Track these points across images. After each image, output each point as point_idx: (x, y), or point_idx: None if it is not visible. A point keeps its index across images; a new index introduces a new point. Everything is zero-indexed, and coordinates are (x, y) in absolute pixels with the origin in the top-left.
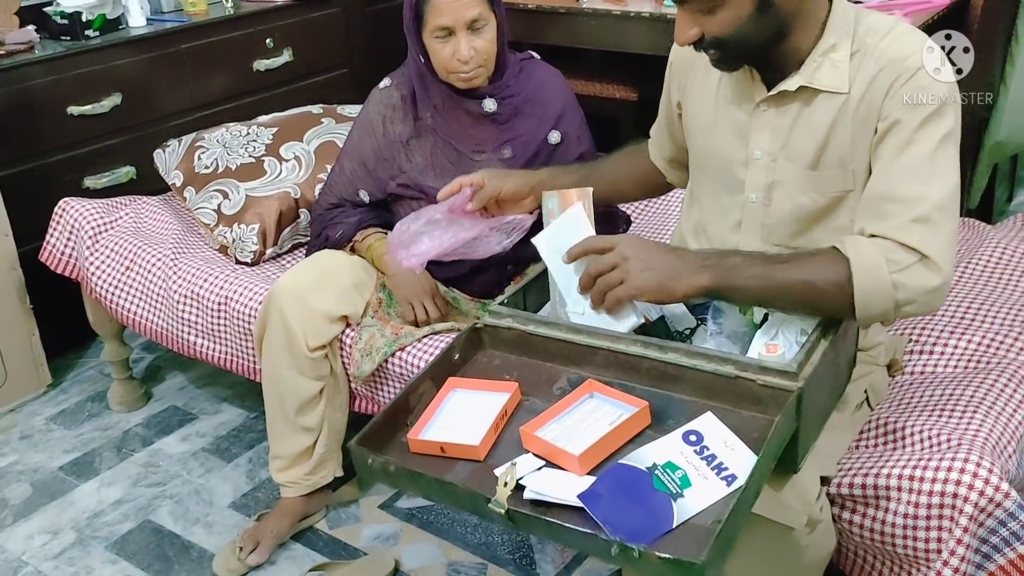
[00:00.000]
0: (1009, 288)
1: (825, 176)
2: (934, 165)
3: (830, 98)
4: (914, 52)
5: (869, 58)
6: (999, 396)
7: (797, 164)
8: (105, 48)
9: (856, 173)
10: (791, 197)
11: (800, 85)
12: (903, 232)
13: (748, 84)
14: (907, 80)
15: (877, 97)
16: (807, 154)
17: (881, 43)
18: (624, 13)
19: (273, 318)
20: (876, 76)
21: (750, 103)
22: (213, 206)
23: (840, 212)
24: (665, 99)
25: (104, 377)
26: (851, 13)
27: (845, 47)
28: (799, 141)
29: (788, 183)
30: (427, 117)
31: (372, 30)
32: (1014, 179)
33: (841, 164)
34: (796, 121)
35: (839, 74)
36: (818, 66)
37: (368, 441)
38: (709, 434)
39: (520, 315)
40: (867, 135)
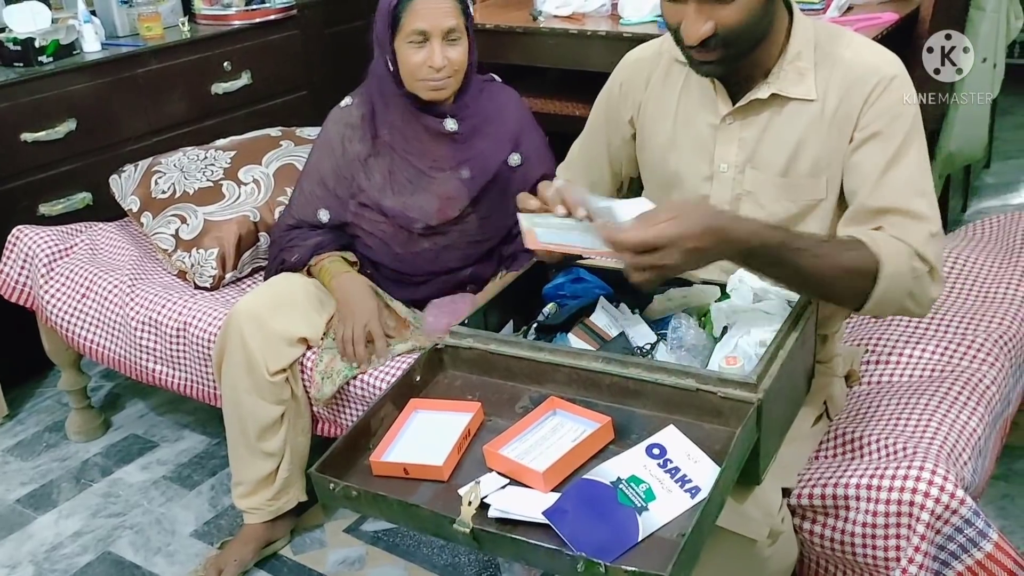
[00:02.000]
0: (962, 297)
1: (797, 184)
2: (924, 180)
3: (800, 106)
4: (886, 62)
5: (836, 68)
6: (953, 404)
7: (767, 173)
8: (59, 74)
9: (829, 181)
10: (761, 207)
11: (772, 93)
12: (925, 245)
13: (711, 98)
14: (885, 89)
15: (854, 107)
16: (777, 163)
17: (845, 52)
18: (581, 32)
19: (232, 342)
20: (852, 86)
21: (714, 117)
22: (171, 231)
23: (809, 221)
24: (608, 120)
25: (62, 407)
26: (808, 23)
27: (809, 56)
28: (768, 150)
29: (757, 193)
30: (384, 134)
31: (331, 52)
32: (968, 189)
33: (814, 173)
34: (765, 131)
35: (806, 82)
36: (786, 75)
37: (329, 466)
38: (672, 447)
39: (481, 334)
40: (842, 144)
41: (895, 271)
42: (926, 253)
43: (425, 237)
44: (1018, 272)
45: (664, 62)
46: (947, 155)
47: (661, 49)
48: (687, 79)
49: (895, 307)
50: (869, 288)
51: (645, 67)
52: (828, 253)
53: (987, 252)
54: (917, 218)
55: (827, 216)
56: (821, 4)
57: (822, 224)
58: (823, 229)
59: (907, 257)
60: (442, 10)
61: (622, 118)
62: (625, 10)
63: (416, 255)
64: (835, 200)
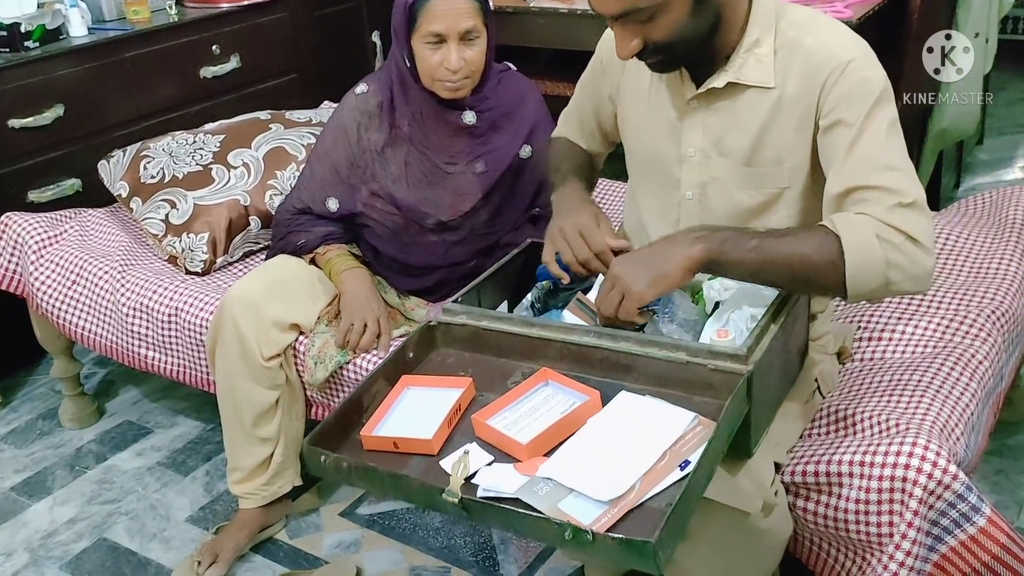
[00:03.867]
0: (955, 274)
1: (761, 173)
2: (891, 154)
3: (759, 94)
4: (843, 46)
5: (796, 55)
6: (946, 380)
7: (731, 160)
8: (45, 59)
9: (793, 170)
10: (727, 194)
11: (728, 82)
12: (890, 214)
13: (678, 83)
14: (841, 74)
15: (813, 94)
16: (741, 150)
17: (806, 39)
18: (572, 11)
19: (226, 328)
20: (810, 73)
21: (681, 101)
22: (161, 216)
23: (777, 209)
24: (592, 94)
25: (55, 394)
26: (771, 8)
27: (768, 42)
28: (732, 138)
29: (723, 180)
30: (404, 125)
31: (320, 34)
32: (960, 165)
33: (777, 162)
34: (727, 118)
35: (764, 69)
36: (743, 62)
37: (321, 440)
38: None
39: (473, 311)
40: (806, 132)
41: (857, 241)
42: (893, 222)
43: (435, 232)
44: (1010, 247)
45: None
46: (940, 131)
47: None
48: None
49: (880, 281)
50: (843, 268)
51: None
52: (787, 240)
53: (980, 228)
54: (881, 191)
55: (795, 204)
56: None
57: (789, 212)
58: (792, 218)
59: (869, 226)
60: (460, 11)
61: (604, 94)
62: None
63: (424, 248)
64: (801, 188)
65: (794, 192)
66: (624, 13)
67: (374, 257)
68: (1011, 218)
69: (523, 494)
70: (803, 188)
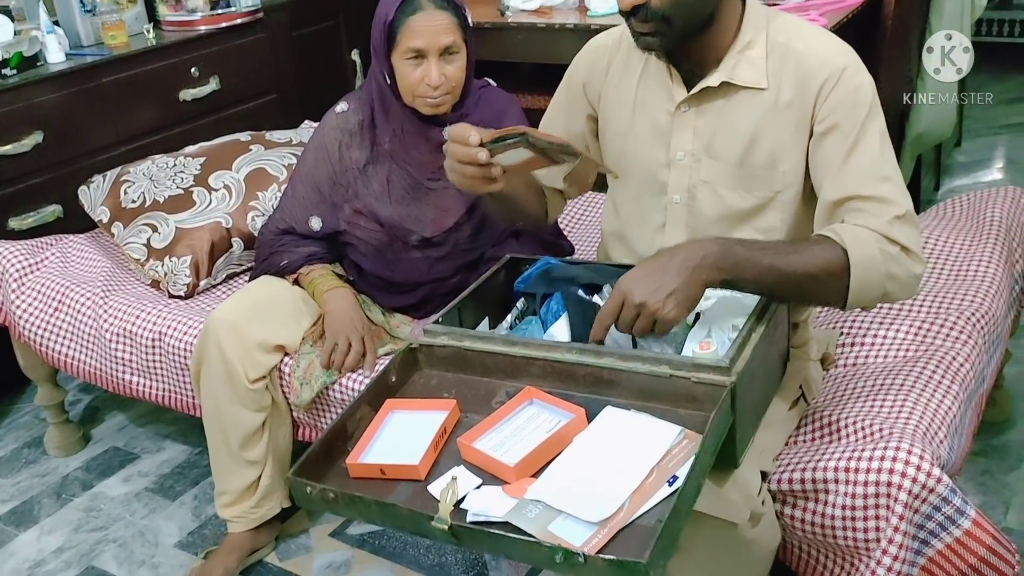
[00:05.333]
0: (935, 277)
1: (753, 175)
2: (885, 164)
3: (751, 95)
4: (835, 52)
5: (788, 59)
6: (928, 383)
7: (723, 162)
8: (23, 86)
9: (787, 174)
10: (717, 196)
11: (722, 81)
12: (890, 228)
13: (667, 85)
14: (837, 81)
15: (808, 99)
16: (733, 152)
17: (797, 44)
18: (549, 25)
19: (210, 351)
20: (804, 78)
21: (670, 104)
22: (142, 240)
23: (768, 213)
24: (564, 102)
25: (40, 422)
26: (762, 12)
27: (760, 45)
28: (723, 139)
29: (714, 182)
30: (385, 142)
31: (299, 54)
32: (939, 168)
33: (771, 164)
34: (720, 119)
35: (756, 70)
36: (736, 63)
37: (306, 470)
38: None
39: (455, 331)
40: (801, 137)
41: (864, 258)
42: (892, 234)
43: (418, 248)
44: (988, 249)
45: (624, 49)
46: (917, 135)
47: (621, 36)
48: (646, 66)
49: (878, 293)
50: (846, 282)
51: (605, 54)
52: (796, 257)
53: (959, 230)
54: (879, 202)
55: (787, 208)
56: None
57: (782, 216)
58: (784, 221)
59: (874, 242)
60: (439, 28)
61: (581, 107)
62: (592, 2)
63: (408, 264)
64: (794, 193)
65: (787, 196)
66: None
67: (358, 275)
68: (990, 220)
69: (513, 517)
70: (796, 193)
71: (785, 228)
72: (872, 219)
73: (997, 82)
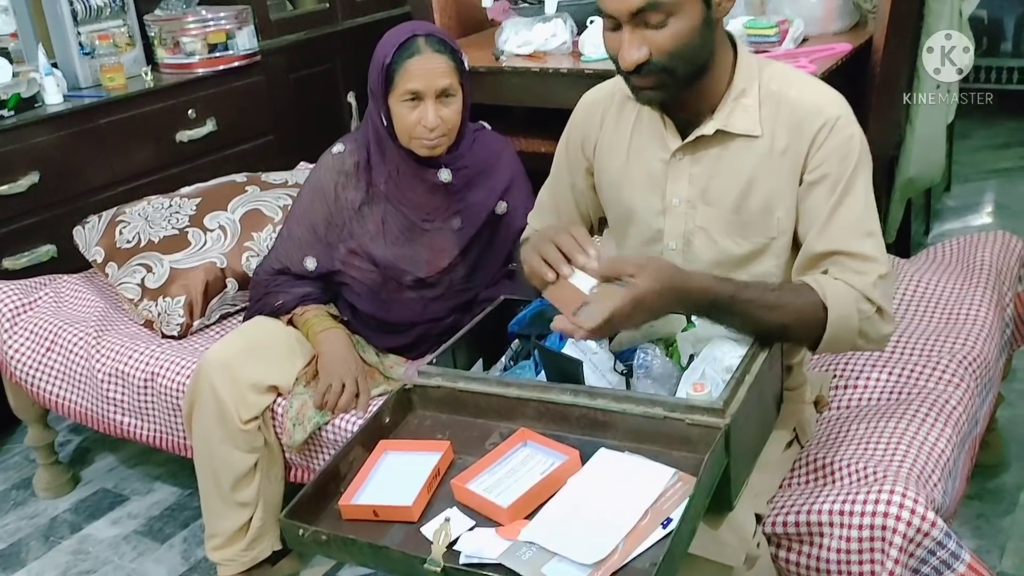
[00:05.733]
0: (925, 320)
1: (749, 222)
2: (870, 218)
3: (746, 143)
4: (828, 101)
5: (782, 107)
6: (921, 426)
7: (718, 208)
8: (21, 127)
9: (782, 221)
10: (713, 242)
11: (717, 129)
12: (872, 289)
13: (661, 134)
14: (831, 130)
15: (802, 147)
16: (728, 198)
17: (791, 92)
18: (543, 70)
19: (203, 392)
20: (798, 126)
21: (665, 152)
22: (136, 280)
23: (763, 259)
24: (563, 164)
25: (29, 463)
26: (753, 61)
27: (753, 93)
28: (719, 186)
29: (709, 228)
30: (381, 183)
31: (296, 96)
32: (929, 212)
33: (766, 211)
34: (715, 167)
35: (751, 118)
36: (731, 111)
37: (299, 512)
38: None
39: (449, 373)
40: (793, 185)
41: (841, 315)
42: (872, 295)
43: (413, 288)
44: (979, 293)
45: (617, 100)
46: (907, 180)
47: (614, 89)
48: (639, 115)
49: (847, 346)
50: (820, 332)
51: (599, 108)
52: (777, 302)
53: (949, 274)
54: (864, 259)
55: (782, 254)
56: (777, 37)
57: (777, 262)
58: (779, 267)
59: (853, 301)
60: (436, 71)
61: (581, 163)
62: (586, 47)
63: (402, 305)
64: (788, 239)
65: (782, 242)
66: (642, 8)
67: (352, 316)
68: (980, 264)
69: (506, 559)
70: (791, 238)
71: (780, 274)
72: (856, 277)
73: (985, 128)
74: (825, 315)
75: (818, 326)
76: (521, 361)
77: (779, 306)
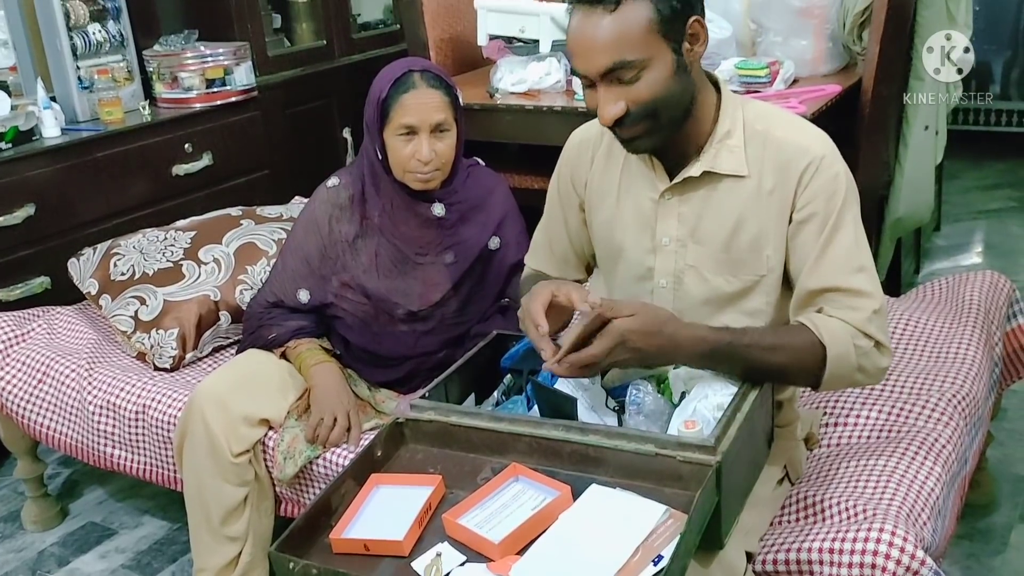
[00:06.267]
0: (915, 358)
1: (738, 259)
2: (860, 253)
3: (734, 183)
4: (813, 140)
5: (768, 147)
6: (910, 465)
7: (708, 247)
8: (18, 160)
9: (771, 258)
10: (703, 280)
11: (704, 171)
12: (867, 324)
13: (650, 175)
14: (816, 169)
15: (789, 187)
16: (718, 237)
17: (776, 132)
18: (537, 108)
19: (194, 424)
20: (784, 166)
21: (654, 192)
22: (130, 313)
23: (754, 296)
24: (556, 202)
25: (18, 496)
26: (737, 101)
27: (738, 133)
28: (709, 225)
29: (699, 266)
30: (375, 216)
31: (291, 131)
32: (919, 252)
33: (755, 249)
34: (703, 206)
35: (736, 159)
36: (717, 152)
37: (289, 545)
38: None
39: (441, 407)
40: (782, 224)
41: (840, 352)
42: (868, 330)
43: (405, 322)
44: (968, 332)
45: (607, 140)
46: (896, 219)
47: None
48: (628, 155)
49: (847, 382)
50: (819, 371)
51: (589, 147)
52: (776, 345)
53: (938, 313)
54: (857, 295)
55: (772, 291)
56: (767, 77)
57: (767, 299)
58: (769, 304)
59: (850, 337)
60: (431, 105)
61: (573, 199)
62: (579, 86)
63: (394, 338)
64: (778, 276)
65: (771, 279)
66: (611, 69)
67: (345, 349)
68: (969, 303)
69: None
70: (780, 275)
71: (771, 311)
72: (851, 313)
73: (975, 169)
74: (823, 354)
75: (817, 366)
76: (513, 396)
77: (777, 348)
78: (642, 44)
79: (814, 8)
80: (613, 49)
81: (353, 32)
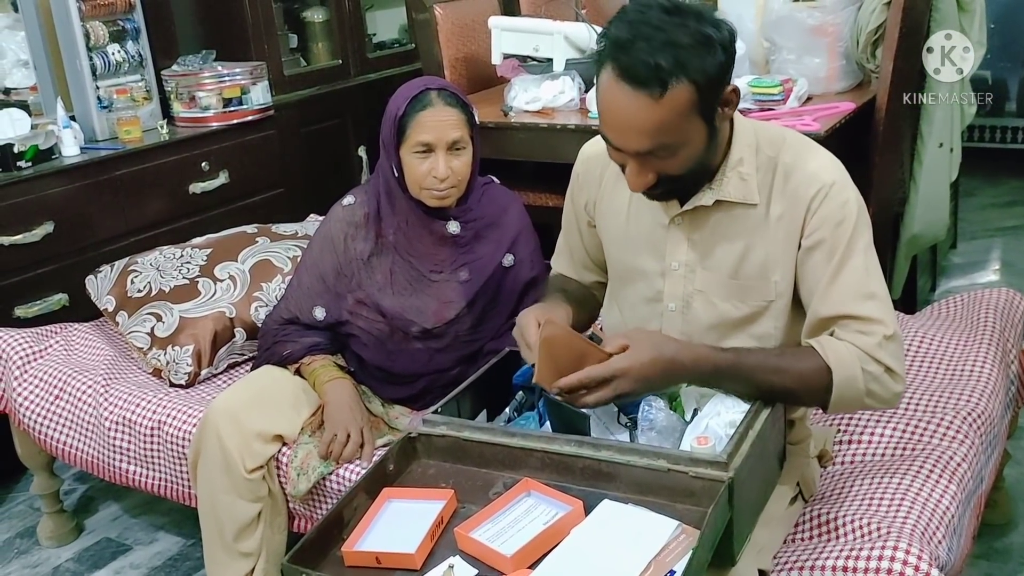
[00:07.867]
0: (930, 376)
1: (747, 286)
2: (871, 280)
3: (744, 210)
4: (823, 167)
5: (778, 173)
6: (925, 483)
7: (718, 273)
8: (37, 178)
9: (779, 284)
10: (712, 305)
11: (715, 199)
12: (878, 349)
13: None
14: (825, 196)
15: (799, 214)
16: (726, 263)
17: (786, 158)
18: (551, 126)
19: (209, 440)
20: (793, 193)
21: (664, 217)
22: (146, 329)
23: (762, 321)
24: (571, 215)
25: (34, 512)
26: (749, 126)
27: (751, 161)
28: (717, 252)
29: (708, 291)
30: (390, 234)
31: (307, 150)
32: (935, 269)
33: (763, 275)
34: (713, 233)
35: (748, 187)
36: (728, 180)
37: (301, 557)
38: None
39: (454, 422)
40: (791, 249)
41: (847, 376)
42: (879, 355)
43: (419, 339)
44: (983, 349)
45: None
46: (911, 237)
47: None
48: None
49: (857, 406)
50: (827, 394)
51: (598, 164)
52: (781, 367)
53: (953, 330)
54: (867, 322)
55: (781, 316)
56: (781, 95)
57: (776, 324)
58: (778, 328)
59: (859, 361)
60: (448, 123)
61: (584, 218)
62: (593, 105)
63: (408, 355)
64: (787, 301)
65: (780, 305)
66: (651, 151)
67: (359, 366)
68: (985, 321)
69: None
70: (789, 301)
71: (779, 335)
72: (862, 338)
73: (991, 186)
74: (830, 377)
75: (823, 388)
76: (525, 412)
77: (782, 371)
78: (682, 128)
79: (827, 26)
80: (653, 135)
81: (368, 51)
